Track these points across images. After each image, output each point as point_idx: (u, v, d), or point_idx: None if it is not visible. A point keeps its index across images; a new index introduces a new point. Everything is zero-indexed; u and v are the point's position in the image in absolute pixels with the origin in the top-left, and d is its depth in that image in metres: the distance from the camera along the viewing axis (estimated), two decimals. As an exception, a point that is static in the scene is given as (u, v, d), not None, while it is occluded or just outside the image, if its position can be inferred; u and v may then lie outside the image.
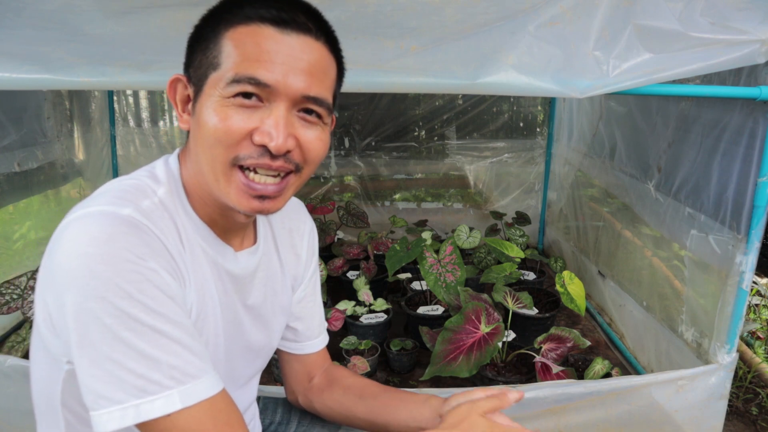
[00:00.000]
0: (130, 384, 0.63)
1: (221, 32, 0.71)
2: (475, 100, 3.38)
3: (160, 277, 0.66)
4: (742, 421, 1.98)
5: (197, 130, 0.72)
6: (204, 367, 0.68)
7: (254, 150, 0.70)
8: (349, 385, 1.02)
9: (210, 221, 0.80)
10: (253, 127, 0.69)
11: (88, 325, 0.62)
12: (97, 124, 2.97)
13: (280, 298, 0.96)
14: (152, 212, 0.71)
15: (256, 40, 0.69)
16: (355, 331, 2.20)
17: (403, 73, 1.29)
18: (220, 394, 0.70)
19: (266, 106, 0.70)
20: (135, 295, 0.63)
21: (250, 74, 0.68)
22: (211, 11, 0.74)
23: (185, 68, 0.77)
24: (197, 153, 0.73)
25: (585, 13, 1.27)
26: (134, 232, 0.66)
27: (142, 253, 0.65)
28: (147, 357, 0.63)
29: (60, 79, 1.24)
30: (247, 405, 0.99)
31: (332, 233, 2.93)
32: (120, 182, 0.74)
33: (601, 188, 2.59)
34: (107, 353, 0.62)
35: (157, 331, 0.64)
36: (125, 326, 0.62)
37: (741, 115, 1.53)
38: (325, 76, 0.74)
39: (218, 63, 0.70)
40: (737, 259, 1.53)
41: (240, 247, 0.86)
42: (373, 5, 1.21)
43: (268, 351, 0.98)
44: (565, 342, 1.80)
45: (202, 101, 0.71)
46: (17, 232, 2.31)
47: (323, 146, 0.76)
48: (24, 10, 1.17)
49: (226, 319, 0.84)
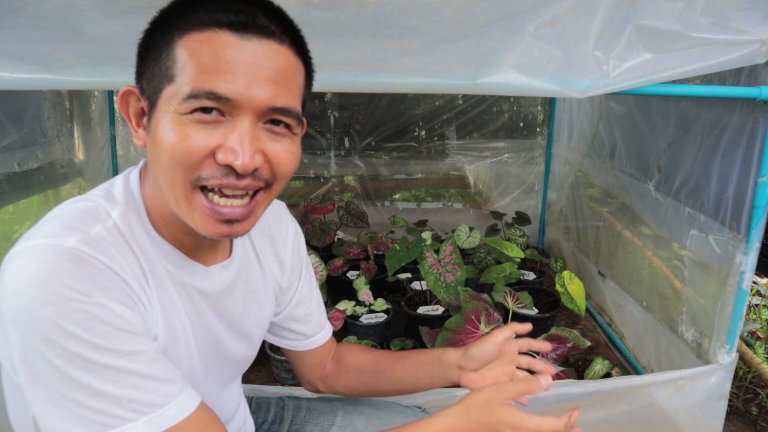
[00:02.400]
0: (90, 419, 0.61)
1: (174, 39, 0.63)
2: (475, 100, 3.38)
3: (110, 311, 0.62)
4: (742, 421, 1.98)
5: (153, 149, 0.65)
6: (171, 391, 0.66)
7: (217, 170, 0.63)
8: (360, 366, 1.03)
9: (175, 241, 0.75)
10: (216, 145, 0.63)
11: (38, 365, 0.60)
12: (97, 124, 2.97)
13: (263, 307, 0.92)
14: (103, 239, 0.65)
15: (213, 48, 0.61)
16: (355, 331, 2.20)
17: (403, 73, 1.29)
18: (195, 413, 0.68)
19: (229, 121, 0.63)
20: (81, 336, 0.59)
21: (208, 88, 0.61)
22: (160, 14, 0.67)
23: (137, 79, 0.70)
24: (155, 174, 0.68)
25: (585, 13, 1.27)
26: (78, 266, 0.61)
27: (86, 289, 0.60)
28: (103, 394, 0.61)
29: (60, 79, 1.24)
30: (234, 405, 0.97)
31: (332, 233, 2.93)
32: (73, 205, 0.69)
33: (601, 188, 2.59)
34: (61, 392, 0.60)
35: (110, 367, 0.61)
36: (75, 366, 0.60)
37: (741, 115, 1.53)
38: (292, 83, 0.67)
39: (172, 75, 0.63)
40: (737, 259, 1.53)
41: (212, 262, 0.80)
42: (373, 5, 1.21)
43: (249, 359, 0.96)
44: (565, 342, 1.80)
45: (157, 117, 0.65)
46: (17, 232, 2.31)
47: (294, 159, 0.69)
48: (24, 10, 1.17)
49: (200, 339, 0.80)
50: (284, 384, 1.92)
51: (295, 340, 1.04)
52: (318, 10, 1.21)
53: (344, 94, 3.33)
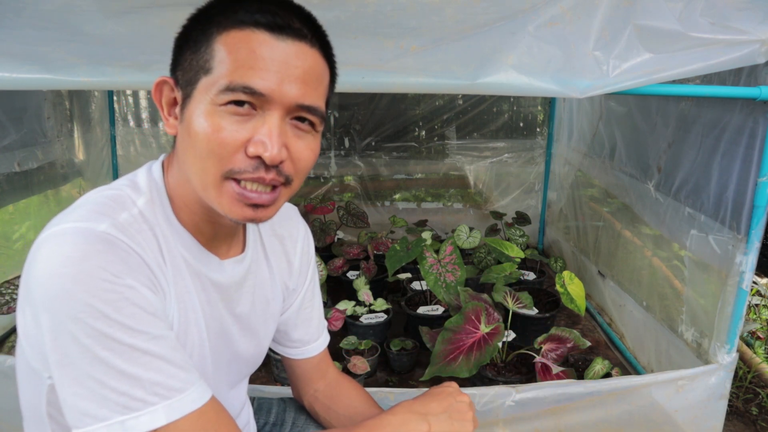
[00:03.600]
0: (114, 401, 0.62)
1: (213, 35, 0.68)
2: (475, 100, 3.38)
3: (139, 294, 0.65)
4: (742, 421, 1.98)
5: (187, 138, 0.69)
6: (189, 378, 0.68)
7: (249, 164, 0.67)
8: (353, 415, 1.00)
9: (195, 230, 0.78)
10: (247, 138, 0.67)
11: (67, 344, 0.62)
12: (97, 124, 2.98)
13: (270, 305, 0.94)
14: (130, 225, 0.69)
15: (251, 46, 0.66)
16: (355, 331, 2.20)
17: (403, 73, 1.29)
18: (209, 403, 0.69)
19: (259, 114, 0.67)
20: (111, 315, 0.62)
21: (244, 83, 0.65)
22: (201, 11, 0.71)
23: (172, 70, 0.74)
24: (186, 161, 0.71)
25: (585, 14, 1.27)
26: (110, 249, 0.64)
27: (118, 270, 0.63)
28: (128, 375, 0.63)
29: (60, 79, 1.24)
30: (240, 405, 0.98)
31: (332, 233, 2.93)
32: (99, 193, 0.72)
33: (601, 188, 2.59)
34: (88, 372, 0.62)
35: (137, 349, 0.63)
36: (103, 346, 0.62)
37: (741, 115, 1.53)
38: (319, 84, 0.72)
39: (210, 68, 0.67)
40: (737, 259, 1.53)
41: (226, 256, 0.84)
42: (373, 5, 1.21)
43: (257, 357, 0.96)
44: (565, 342, 1.80)
45: (191, 107, 0.69)
46: (17, 232, 2.31)
47: (313, 156, 0.74)
48: (24, 10, 1.17)
49: (211, 330, 0.82)
50: (284, 384, 1.92)
51: (290, 347, 1.03)
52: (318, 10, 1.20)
53: (344, 94, 3.33)
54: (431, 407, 0.82)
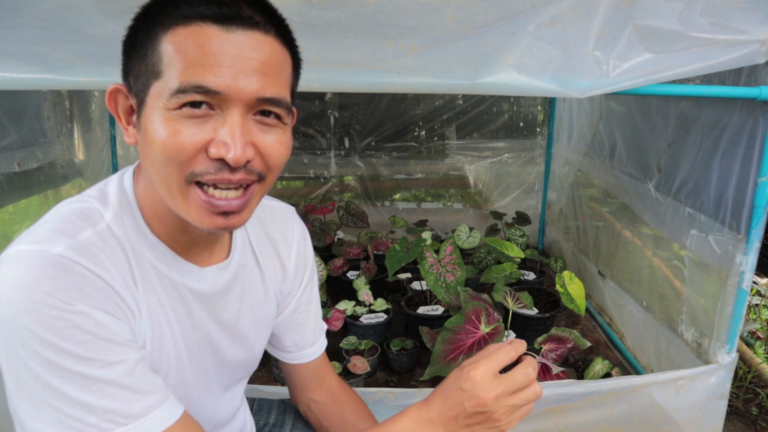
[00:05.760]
0: (69, 426, 0.61)
1: (158, 35, 0.63)
2: (475, 100, 3.38)
3: (91, 320, 0.62)
4: (742, 421, 1.98)
5: (146, 147, 0.65)
6: (150, 403, 0.66)
7: (210, 165, 0.63)
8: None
9: (169, 239, 0.74)
10: (207, 140, 0.62)
11: (20, 370, 0.61)
12: (97, 124, 2.97)
13: (263, 310, 0.91)
14: (93, 244, 0.66)
15: (199, 41, 0.61)
16: (355, 331, 2.20)
17: (403, 73, 1.29)
18: (175, 425, 0.68)
19: (218, 114, 0.63)
20: (59, 344, 0.60)
21: (196, 82, 0.60)
22: (143, 10, 0.66)
23: (123, 76, 0.69)
24: (149, 171, 0.67)
25: (585, 14, 1.27)
26: (62, 274, 0.61)
27: (68, 297, 0.61)
28: (80, 403, 0.61)
29: (60, 79, 1.23)
30: (235, 407, 0.96)
31: (332, 233, 2.93)
32: (68, 206, 0.69)
33: (601, 188, 2.59)
34: (42, 397, 0.61)
35: (87, 377, 0.61)
36: (53, 374, 0.60)
37: (741, 115, 1.53)
38: (280, 73, 0.66)
39: (159, 71, 0.62)
40: (737, 259, 1.53)
41: (208, 263, 0.80)
42: (373, 5, 1.21)
43: (250, 361, 0.93)
44: (565, 342, 1.80)
45: (146, 114, 0.64)
46: (17, 232, 2.30)
47: (285, 150, 0.69)
48: (24, 10, 1.17)
49: (191, 340, 0.80)
50: (284, 384, 1.92)
51: (285, 352, 1.01)
52: (318, 10, 1.21)
53: (344, 94, 3.33)
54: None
